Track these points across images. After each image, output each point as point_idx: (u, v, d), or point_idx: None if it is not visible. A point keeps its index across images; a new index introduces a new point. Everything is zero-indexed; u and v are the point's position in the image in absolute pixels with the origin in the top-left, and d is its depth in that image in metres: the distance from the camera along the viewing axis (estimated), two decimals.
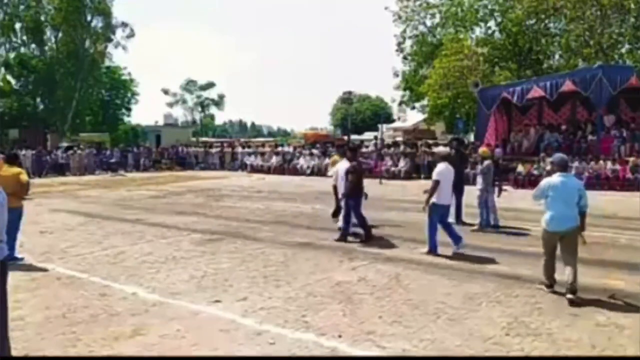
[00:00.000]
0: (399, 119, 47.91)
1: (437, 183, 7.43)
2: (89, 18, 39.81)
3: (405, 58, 34.22)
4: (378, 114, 55.68)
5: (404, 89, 35.04)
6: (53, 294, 5.71)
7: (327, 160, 25.15)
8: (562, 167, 5.80)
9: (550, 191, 5.65)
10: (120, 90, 49.64)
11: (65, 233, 9.57)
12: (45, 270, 6.77)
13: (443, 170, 7.56)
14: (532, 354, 4.11)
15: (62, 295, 5.66)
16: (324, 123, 70.73)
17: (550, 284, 5.74)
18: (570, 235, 5.57)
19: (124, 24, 41.09)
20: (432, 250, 7.49)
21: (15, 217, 7.16)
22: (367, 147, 28.60)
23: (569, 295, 5.34)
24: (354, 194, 8.34)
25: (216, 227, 9.97)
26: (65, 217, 11.39)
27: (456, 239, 7.56)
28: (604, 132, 19.77)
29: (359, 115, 60.72)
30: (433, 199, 7.46)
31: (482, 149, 10.05)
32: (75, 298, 5.56)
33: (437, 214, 7.49)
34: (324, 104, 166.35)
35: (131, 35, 41.30)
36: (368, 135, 40.07)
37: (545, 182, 5.82)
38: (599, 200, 14.31)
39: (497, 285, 5.92)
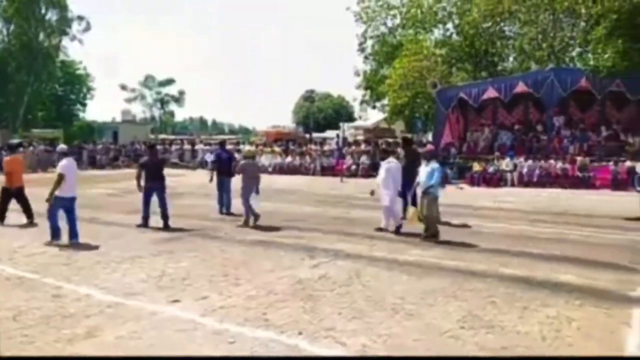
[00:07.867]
0: (360, 117, 48.42)
1: (61, 177, 8.05)
2: (43, 10, 38.24)
3: (366, 58, 34.46)
4: (340, 112, 55.98)
5: (365, 88, 35.28)
6: (3, 296, 5.49)
7: (288, 159, 25.22)
8: (427, 158, 9.06)
9: (434, 172, 8.69)
10: (75, 85, 47.97)
11: (15, 232, 9.21)
12: None
13: (67, 164, 8.25)
14: (486, 346, 4.26)
15: (12, 297, 5.44)
16: (286, 121, 70.35)
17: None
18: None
19: (80, 17, 39.66)
20: (54, 238, 8.14)
21: None
22: (329, 144, 28.78)
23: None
24: (146, 184, 10.06)
25: (175, 225, 9.79)
26: (15, 216, 10.92)
27: (74, 234, 8.20)
28: (555, 132, 20.59)
29: (321, 113, 60.83)
30: (57, 192, 8.06)
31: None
32: (26, 300, 5.36)
33: (59, 205, 8.15)
34: (286, 102, 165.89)
35: (87, 29, 39.83)
36: (330, 133, 40.31)
37: (421, 168, 8.97)
38: (549, 198, 14.95)
39: (453, 280, 6.08)
